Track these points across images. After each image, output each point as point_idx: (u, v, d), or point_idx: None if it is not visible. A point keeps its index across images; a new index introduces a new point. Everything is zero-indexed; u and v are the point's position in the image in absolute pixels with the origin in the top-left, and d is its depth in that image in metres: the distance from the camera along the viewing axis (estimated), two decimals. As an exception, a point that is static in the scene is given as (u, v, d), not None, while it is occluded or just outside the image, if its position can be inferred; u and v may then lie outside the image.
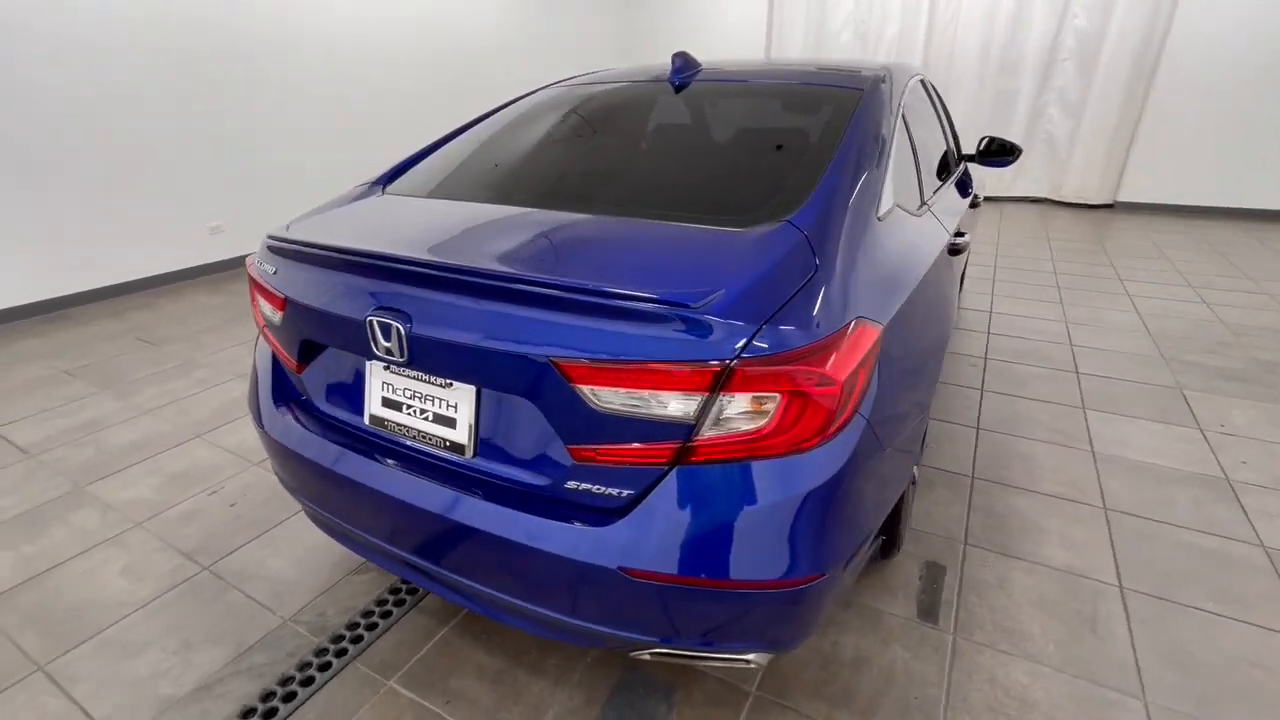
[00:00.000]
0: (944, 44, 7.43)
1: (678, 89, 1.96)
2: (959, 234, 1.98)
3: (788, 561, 1.08)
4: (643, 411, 1.06)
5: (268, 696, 1.53)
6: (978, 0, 7.12)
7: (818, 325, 1.06)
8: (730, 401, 1.04)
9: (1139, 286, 4.48)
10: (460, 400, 1.23)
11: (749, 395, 1.04)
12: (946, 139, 2.63)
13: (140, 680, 1.58)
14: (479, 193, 1.67)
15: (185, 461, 2.48)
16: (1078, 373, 3.15)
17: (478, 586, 1.29)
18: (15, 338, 3.73)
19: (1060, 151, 7.30)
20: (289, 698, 1.53)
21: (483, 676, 1.58)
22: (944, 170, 2.46)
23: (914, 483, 2.09)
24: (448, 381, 1.24)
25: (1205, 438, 2.57)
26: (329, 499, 1.47)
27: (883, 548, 1.76)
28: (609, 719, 1.47)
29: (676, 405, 1.04)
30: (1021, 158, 7.49)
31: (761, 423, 1.05)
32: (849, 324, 1.11)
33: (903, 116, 1.84)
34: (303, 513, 2.03)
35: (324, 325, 1.34)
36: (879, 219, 1.41)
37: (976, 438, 2.59)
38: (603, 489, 1.13)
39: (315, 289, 1.33)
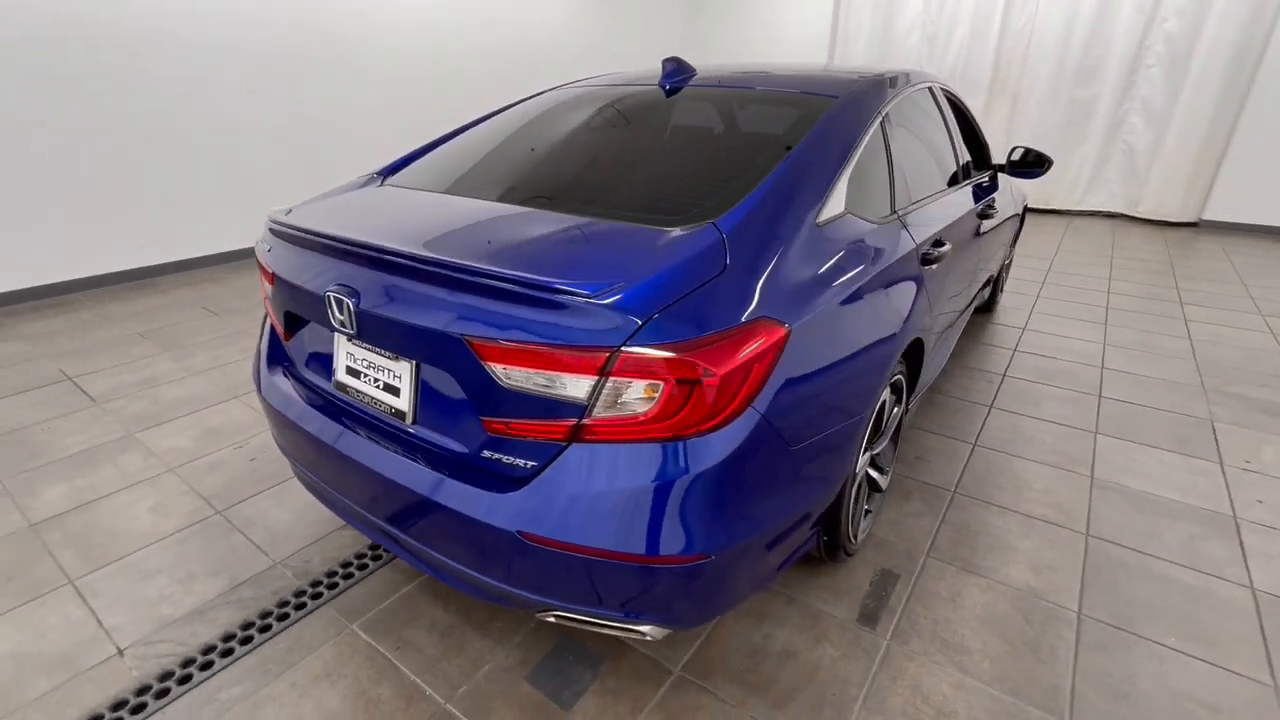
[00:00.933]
0: (1017, 47, 7.09)
1: (666, 94, 2.04)
2: (938, 243, 1.96)
3: (670, 540, 1.16)
4: (542, 390, 1.16)
5: (247, 626, 1.73)
6: (1058, 0, 6.76)
7: (709, 321, 1.13)
8: (625, 386, 1.13)
9: (1199, 311, 4.18)
10: (403, 371, 1.37)
11: (643, 382, 1.12)
12: (955, 148, 2.58)
13: (148, 600, 1.81)
14: (456, 186, 1.80)
15: (221, 418, 2.76)
16: (1100, 396, 3.01)
17: (416, 543, 1.43)
18: (105, 300, 4.21)
19: (1140, 164, 6.84)
20: (265, 629, 1.72)
21: (434, 630, 1.72)
22: (946, 179, 2.42)
23: (880, 490, 2.10)
24: (395, 354, 1.38)
25: (1224, 472, 2.42)
26: (305, 458, 1.65)
27: (828, 549, 1.78)
28: (537, 679, 1.58)
29: (570, 386, 1.14)
30: (1098, 169, 7.16)
31: (648, 408, 1.12)
32: (746, 322, 1.17)
33: (882, 125, 1.85)
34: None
35: (299, 299, 1.51)
36: (818, 224, 1.45)
37: (970, 453, 2.53)
38: (512, 459, 1.24)
39: (294, 266, 1.50)
